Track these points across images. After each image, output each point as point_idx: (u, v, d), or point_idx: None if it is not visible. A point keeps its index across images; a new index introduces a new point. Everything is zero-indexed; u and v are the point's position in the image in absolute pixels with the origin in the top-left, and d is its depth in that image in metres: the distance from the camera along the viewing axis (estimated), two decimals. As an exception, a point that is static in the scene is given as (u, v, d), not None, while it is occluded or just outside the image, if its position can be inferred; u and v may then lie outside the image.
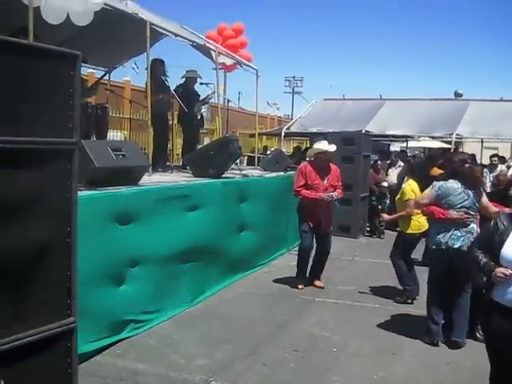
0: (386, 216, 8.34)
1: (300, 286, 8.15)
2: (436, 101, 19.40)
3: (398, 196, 7.67)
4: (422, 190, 7.05)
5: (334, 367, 5.35)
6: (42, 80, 2.64)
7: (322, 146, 8.07)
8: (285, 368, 5.29)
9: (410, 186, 7.40)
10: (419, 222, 7.31)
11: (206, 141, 17.97)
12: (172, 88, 9.80)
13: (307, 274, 8.40)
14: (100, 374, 4.92)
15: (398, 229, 7.85)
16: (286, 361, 5.46)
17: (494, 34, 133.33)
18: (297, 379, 5.05)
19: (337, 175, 8.15)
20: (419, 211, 6.81)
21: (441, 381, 5.04)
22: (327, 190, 7.94)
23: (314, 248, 8.36)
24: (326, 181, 8.01)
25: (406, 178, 8.38)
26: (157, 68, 9.49)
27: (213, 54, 10.93)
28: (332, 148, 8.14)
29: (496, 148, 22.40)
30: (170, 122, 11.02)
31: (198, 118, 10.47)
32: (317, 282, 8.30)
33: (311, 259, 8.38)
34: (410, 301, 7.46)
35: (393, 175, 14.32)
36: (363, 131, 15.03)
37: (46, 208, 2.72)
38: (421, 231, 7.36)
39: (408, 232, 7.44)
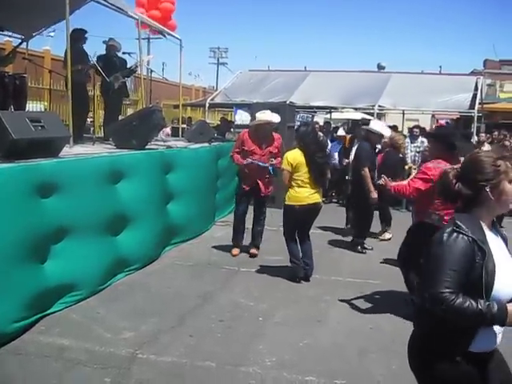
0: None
1: (234, 252, 8.38)
2: (359, 73, 19.82)
3: None
4: (308, 158, 7.08)
5: (259, 336, 5.42)
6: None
7: (266, 116, 8.12)
8: (211, 338, 5.33)
9: (289, 155, 7.21)
10: (297, 193, 7.14)
11: (130, 112, 17.61)
12: (94, 58, 9.55)
13: (243, 241, 8.64)
14: (23, 352, 4.81)
15: None
16: (213, 331, 5.50)
17: (416, 10, 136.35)
18: (223, 349, 5.09)
19: (277, 145, 8.26)
20: (300, 182, 7.05)
21: (364, 345, 5.21)
22: (264, 157, 8.10)
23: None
24: (264, 148, 8.14)
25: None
26: (77, 37, 9.21)
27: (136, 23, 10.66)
28: (276, 118, 8.19)
29: (417, 120, 23.10)
30: (91, 93, 10.79)
31: (116, 87, 10.14)
32: (251, 250, 8.46)
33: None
34: (297, 279, 7.20)
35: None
36: (287, 102, 15.12)
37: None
38: (300, 204, 7.09)
39: (286, 203, 7.28)
